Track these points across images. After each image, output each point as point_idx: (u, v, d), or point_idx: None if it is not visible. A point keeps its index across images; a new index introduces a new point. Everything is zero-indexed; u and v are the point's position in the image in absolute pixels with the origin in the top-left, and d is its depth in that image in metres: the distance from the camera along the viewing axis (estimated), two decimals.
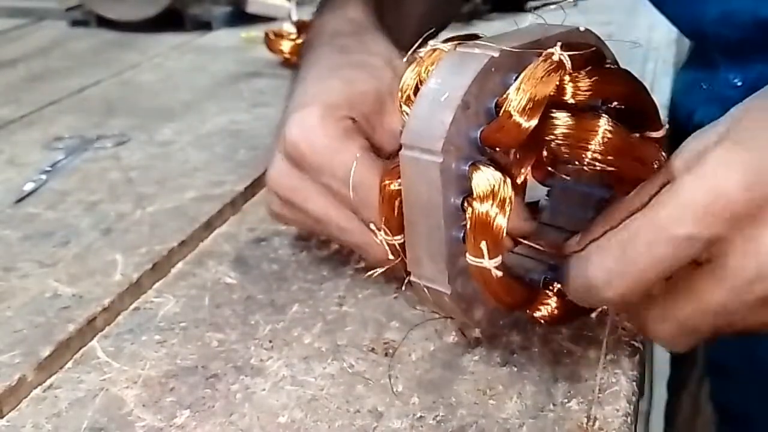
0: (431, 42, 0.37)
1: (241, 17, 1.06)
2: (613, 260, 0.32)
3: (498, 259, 0.33)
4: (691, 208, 0.29)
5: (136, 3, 1.02)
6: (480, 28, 1.00)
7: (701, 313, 0.32)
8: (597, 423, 0.34)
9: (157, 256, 0.47)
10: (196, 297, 0.44)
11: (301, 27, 0.92)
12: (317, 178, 0.41)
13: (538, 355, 0.38)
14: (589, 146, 0.33)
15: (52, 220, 0.53)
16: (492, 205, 0.33)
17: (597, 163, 0.34)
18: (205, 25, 1.04)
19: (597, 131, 0.33)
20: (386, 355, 0.39)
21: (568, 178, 0.39)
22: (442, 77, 0.34)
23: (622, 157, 0.34)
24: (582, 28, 0.36)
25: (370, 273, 0.40)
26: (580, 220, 0.37)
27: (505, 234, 0.33)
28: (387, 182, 0.36)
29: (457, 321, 0.40)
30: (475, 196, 0.33)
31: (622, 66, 0.37)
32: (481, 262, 0.33)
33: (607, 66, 0.35)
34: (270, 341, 0.40)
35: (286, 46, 0.86)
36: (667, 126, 0.37)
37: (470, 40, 0.35)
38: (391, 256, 0.37)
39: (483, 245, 0.33)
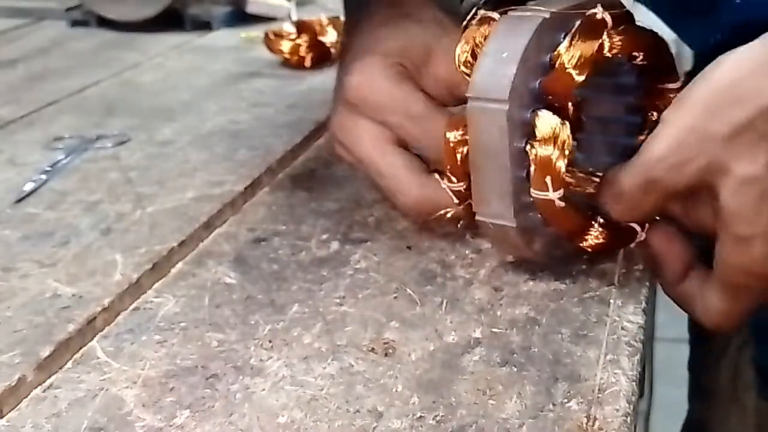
0: (481, 11, 0.42)
1: (241, 17, 1.05)
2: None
3: (560, 192, 0.39)
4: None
5: (136, 3, 1.02)
6: None
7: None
8: (597, 423, 0.34)
9: (156, 256, 0.47)
10: (195, 297, 0.44)
11: (301, 27, 0.92)
12: (378, 116, 0.45)
13: (538, 355, 0.38)
14: None
15: (52, 220, 0.53)
16: (554, 146, 0.38)
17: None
18: (204, 25, 1.04)
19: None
20: (386, 355, 0.39)
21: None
22: (501, 38, 0.39)
23: None
24: None
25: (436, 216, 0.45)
26: (606, 165, 0.42)
27: (564, 170, 0.38)
28: (449, 134, 0.42)
29: (517, 253, 0.45)
30: (538, 138, 0.38)
31: None
32: (546, 195, 0.39)
33: (637, 25, 0.41)
34: (270, 341, 0.40)
35: (286, 46, 0.86)
36: (682, 79, 0.42)
37: (515, 6, 0.41)
38: (456, 200, 0.44)
39: (548, 180, 0.38)
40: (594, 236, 0.42)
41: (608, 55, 0.39)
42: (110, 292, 0.44)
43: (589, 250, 0.42)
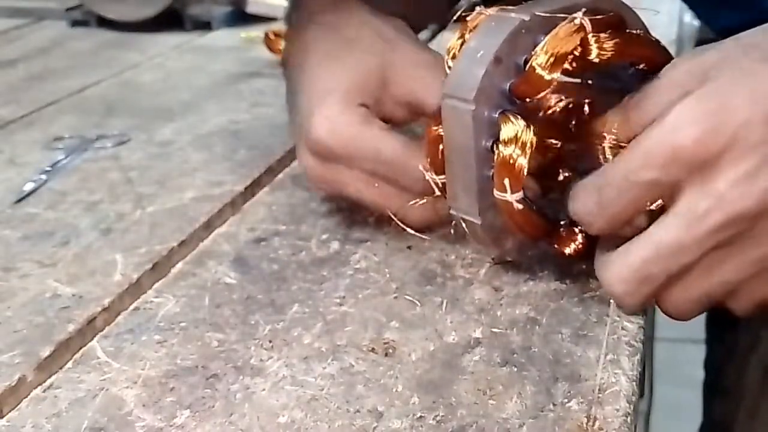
0: (478, 7, 0.42)
1: (241, 17, 1.06)
2: (591, 202, 0.37)
3: (519, 194, 0.39)
4: (653, 156, 0.34)
5: (136, 3, 1.02)
6: None
7: (655, 254, 0.36)
8: (597, 423, 0.34)
9: (157, 256, 0.47)
10: (196, 297, 0.44)
11: None
12: (350, 165, 0.45)
13: (538, 355, 0.38)
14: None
15: (52, 220, 0.53)
16: (514, 148, 0.38)
17: None
18: (205, 25, 1.04)
19: None
20: (386, 355, 0.39)
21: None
22: (480, 37, 0.40)
23: None
24: None
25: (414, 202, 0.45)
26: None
27: (525, 173, 0.38)
28: (433, 128, 0.42)
29: (492, 250, 0.45)
30: (501, 140, 0.38)
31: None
32: (505, 196, 0.39)
33: (631, 31, 0.40)
34: (270, 341, 0.40)
35: None
36: None
37: (506, 6, 0.40)
38: (437, 192, 0.43)
39: (506, 182, 0.39)
40: (575, 244, 0.42)
41: (596, 60, 0.38)
42: (110, 292, 0.44)
43: (570, 257, 0.42)
